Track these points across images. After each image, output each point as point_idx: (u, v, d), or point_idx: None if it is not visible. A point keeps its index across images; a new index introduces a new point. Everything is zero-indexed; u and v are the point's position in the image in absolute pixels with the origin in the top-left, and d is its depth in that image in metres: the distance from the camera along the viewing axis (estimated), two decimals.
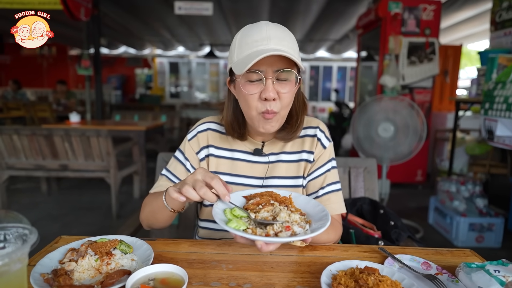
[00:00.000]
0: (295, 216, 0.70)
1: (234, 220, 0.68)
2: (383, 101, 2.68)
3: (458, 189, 2.88)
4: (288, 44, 0.81)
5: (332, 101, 8.43)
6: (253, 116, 0.86)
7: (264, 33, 0.80)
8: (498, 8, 2.95)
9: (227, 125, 0.95)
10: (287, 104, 0.86)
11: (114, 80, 10.88)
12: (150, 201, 0.92)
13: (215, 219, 0.67)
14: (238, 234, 0.64)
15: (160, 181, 0.99)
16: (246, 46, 0.81)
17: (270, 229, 0.67)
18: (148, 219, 0.92)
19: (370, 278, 0.62)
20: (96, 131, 2.89)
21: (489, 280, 0.65)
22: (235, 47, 0.84)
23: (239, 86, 0.84)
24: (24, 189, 3.97)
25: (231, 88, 0.92)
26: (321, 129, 1.01)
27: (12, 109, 5.79)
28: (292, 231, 0.67)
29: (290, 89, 0.84)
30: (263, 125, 0.86)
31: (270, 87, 0.81)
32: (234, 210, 0.72)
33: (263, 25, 0.82)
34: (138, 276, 0.64)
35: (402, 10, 3.95)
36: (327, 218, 0.69)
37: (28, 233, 0.54)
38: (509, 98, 2.17)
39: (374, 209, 1.38)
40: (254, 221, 0.70)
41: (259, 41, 0.80)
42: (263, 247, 0.64)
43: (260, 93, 0.82)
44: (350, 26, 6.59)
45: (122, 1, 5.44)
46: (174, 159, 1.01)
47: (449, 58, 5.12)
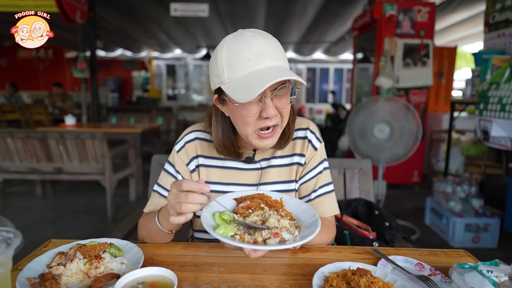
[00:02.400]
0: (285, 221, 0.70)
1: (222, 226, 0.67)
2: (378, 102, 2.69)
3: (454, 189, 2.89)
4: (281, 57, 0.79)
5: (329, 103, 8.46)
6: (249, 133, 0.83)
7: (255, 50, 0.75)
8: (491, 9, 2.97)
9: (219, 146, 0.91)
10: (286, 114, 0.84)
11: (111, 82, 10.84)
12: (145, 224, 0.89)
13: (203, 224, 0.66)
14: (226, 241, 0.63)
15: (152, 198, 0.96)
16: (239, 66, 0.75)
17: (259, 236, 0.66)
18: (148, 240, 0.90)
19: (362, 280, 0.62)
20: (91, 134, 2.87)
21: (482, 281, 0.64)
22: (223, 66, 0.77)
23: (234, 107, 0.80)
24: (19, 193, 3.93)
25: (219, 106, 0.87)
26: (312, 130, 0.99)
27: (8, 112, 5.75)
28: (280, 238, 0.66)
29: (287, 99, 0.82)
30: (259, 143, 0.84)
31: (270, 105, 0.78)
32: (224, 213, 0.71)
33: (251, 40, 0.76)
34: (127, 279, 0.63)
35: (397, 12, 3.97)
36: (317, 224, 0.68)
37: (12, 236, 0.53)
38: (503, 99, 2.18)
39: (369, 210, 1.37)
40: (243, 224, 0.69)
41: (252, 60, 0.75)
42: (251, 253, 0.64)
43: (259, 112, 0.79)
44: (346, 28, 6.61)
45: (118, 4, 5.43)
46: (164, 172, 0.97)
47: (444, 59, 5.15)
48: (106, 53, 10.15)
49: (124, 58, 10.74)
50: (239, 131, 0.86)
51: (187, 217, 0.69)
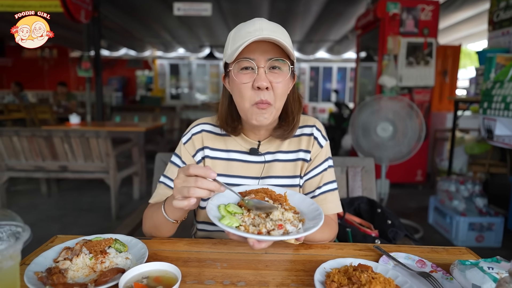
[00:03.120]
0: (289, 214, 0.71)
1: (227, 217, 0.68)
2: (382, 101, 2.68)
3: (458, 188, 2.88)
4: (281, 36, 0.81)
5: (332, 102, 8.45)
6: (247, 108, 0.85)
7: (257, 25, 0.81)
8: (495, 8, 2.95)
9: (221, 121, 0.95)
10: (281, 95, 0.85)
11: (115, 82, 10.90)
12: (150, 215, 0.90)
13: (208, 215, 0.67)
14: (231, 231, 0.64)
15: (158, 189, 0.97)
16: (239, 37, 0.81)
17: (263, 227, 0.67)
18: (152, 232, 0.91)
19: (363, 275, 0.62)
20: (95, 132, 2.90)
21: (483, 277, 0.65)
22: (229, 42, 0.85)
23: (232, 76, 0.85)
24: (24, 191, 3.98)
25: (225, 83, 0.93)
26: (318, 128, 1.00)
27: (13, 111, 5.80)
28: (284, 230, 0.67)
29: (283, 79, 0.84)
30: (256, 117, 0.85)
31: (263, 76, 0.81)
32: (229, 206, 0.72)
33: (257, 20, 0.83)
34: (132, 274, 0.65)
35: (400, 11, 3.95)
36: (320, 218, 0.69)
37: (21, 230, 0.54)
38: (507, 97, 2.17)
39: (371, 208, 1.37)
40: (251, 206, 0.71)
41: (251, 32, 0.80)
42: (255, 244, 0.64)
43: (252, 82, 0.82)
44: (349, 27, 6.60)
45: (122, 3, 5.46)
46: (171, 164, 0.99)
47: (448, 58, 5.12)
48: (110, 53, 10.21)
49: (128, 58, 10.79)
50: (238, 107, 0.89)
51: (190, 202, 0.69)
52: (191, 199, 0.69)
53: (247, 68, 0.83)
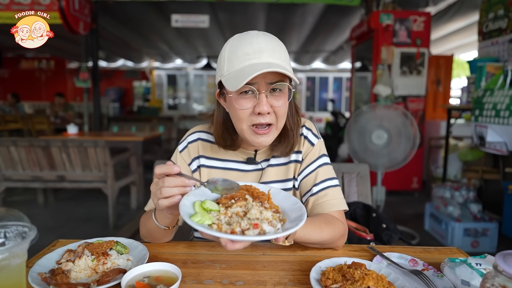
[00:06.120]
0: (267, 213, 0.66)
1: (199, 214, 0.64)
2: (377, 109, 2.73)
3: (452, 194, 2.91)
4: (280, 56, 0.80)
5: (328, 111, 8.53)
6: (244, 129, 0.84)
7: (255, 46, 0.78)
8: (484, 19, 3.04)
9: (218, 137, 0.93)
10: (282, 115, 0.84)
11: (112, 92, 10.95)
12: (144, 222, 0.91)
13: (180, 211, 0.63)
14: (200, 229, 0.60)
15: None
16: (237, 60, 0.79)
17: (237, 226, 0.62)
18: (147, 239, 0.92)
19: (357, 272, 0.65)
20: (93, 142, 2.91)
21: (471, 273, 0.67)
22: (225, 59, 0.82)
23: (231, 100, 0.83)
24: (21, 201, 3.95)
25: (220, 100, 0.90)
26: (307, 127, 0.99)
27: (10, 121, 5.81)
28: (260, 229, 0.62)
29: (284, 101, 0.83)
30: (254, 139, 0.84)
31: (264, 101, 0.79)
32: (204, 202, 0.68)
33: (254, 36, 0.80)
34: (133, 274, 0.67)
35: (393, 22, 4.06)
36: (302, 218, 0.64)
37: (28, 230, 0.56)
38: (497, 105, 2.23)
39: (367, 213, 1.40)
40: (219, 190, 0.69)
41: (250, 54, 0.77)
42: (227, 245, 0.60)
43: (253, 107, 0.81)
44: (344, 38, 6.72)
45: (120, 15, 5.54)
46: None
47: (441, 67, 5.23)
48: (107, 64, 10.28)
49: (126, 69, 10.86)
50: (236, 127, 0.88)
51: (169, 201, 0.69)
52: (169, 199, 0.69)
53: (247, 92, 0.81)
